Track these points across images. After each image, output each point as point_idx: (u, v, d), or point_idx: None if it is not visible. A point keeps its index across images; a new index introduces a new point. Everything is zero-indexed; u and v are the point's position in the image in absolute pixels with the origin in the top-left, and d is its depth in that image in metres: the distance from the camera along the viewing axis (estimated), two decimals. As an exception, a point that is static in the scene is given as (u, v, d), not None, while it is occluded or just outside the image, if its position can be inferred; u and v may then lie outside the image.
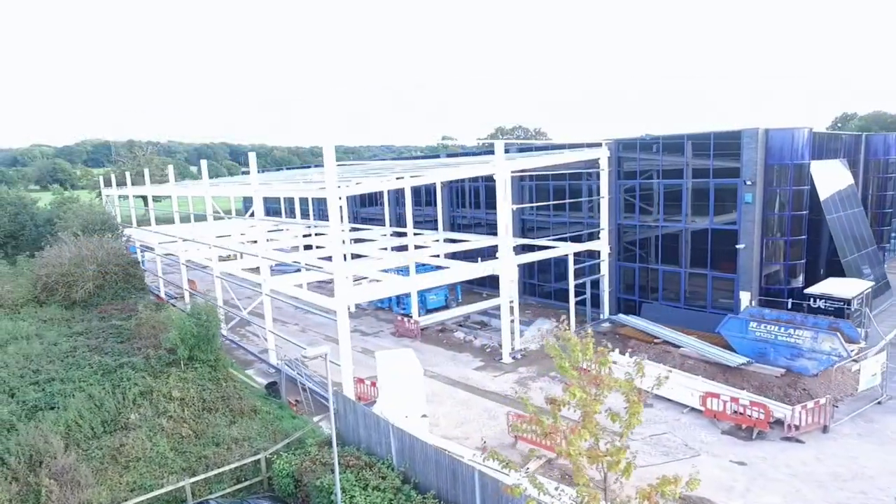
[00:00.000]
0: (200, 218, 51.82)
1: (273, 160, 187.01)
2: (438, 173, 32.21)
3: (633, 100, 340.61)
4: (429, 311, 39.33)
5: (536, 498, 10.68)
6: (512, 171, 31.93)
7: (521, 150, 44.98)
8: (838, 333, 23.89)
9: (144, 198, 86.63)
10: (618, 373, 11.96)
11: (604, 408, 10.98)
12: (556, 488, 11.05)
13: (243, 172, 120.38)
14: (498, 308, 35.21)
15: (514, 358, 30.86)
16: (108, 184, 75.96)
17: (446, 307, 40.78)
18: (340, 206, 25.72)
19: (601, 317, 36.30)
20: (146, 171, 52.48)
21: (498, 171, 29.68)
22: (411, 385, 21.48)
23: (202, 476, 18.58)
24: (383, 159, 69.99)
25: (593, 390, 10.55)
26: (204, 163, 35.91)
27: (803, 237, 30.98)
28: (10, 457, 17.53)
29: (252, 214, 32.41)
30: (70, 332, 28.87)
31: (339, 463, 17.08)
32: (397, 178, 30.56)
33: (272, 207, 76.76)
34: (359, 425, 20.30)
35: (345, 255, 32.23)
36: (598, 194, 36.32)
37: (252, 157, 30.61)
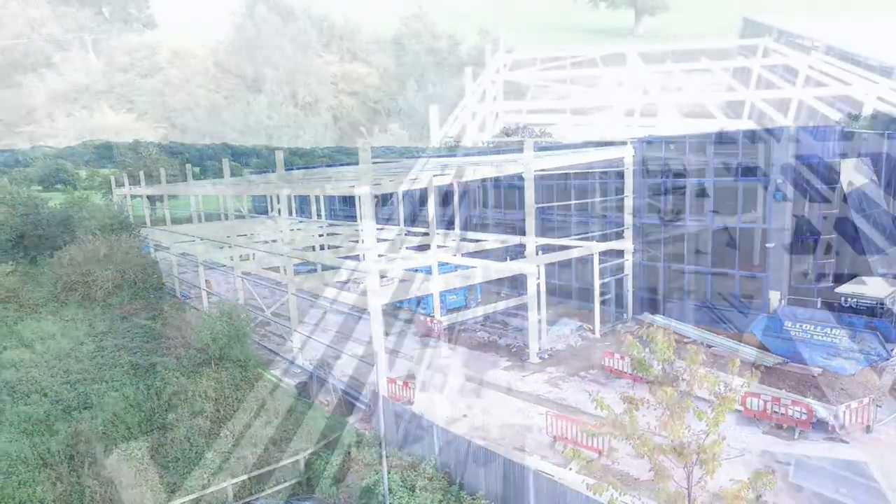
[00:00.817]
0: (214, 217, 51.48)
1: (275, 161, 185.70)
2: (465, 172, 31.99)
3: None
4: (449, 311, 38.96)
5: (619, 498, 10.47)
6: (540, 170, 31.73)
7: (541, 149, 44.74)
8: (878, 333, 23.67)
9: (150, 198, 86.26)
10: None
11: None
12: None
13: (250, 173, 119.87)
14: (518, 307, 34.99)
15: (541, 358, 30.58)
16: (119, 184, 75.55)
17: (466, 307, 40.42)
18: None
19: (625, 316, 36.07)
20: (162, 172, 52.25)
21: (527, 169, 29.47)
22: (451, 385, 21.27)
23: (243, 477, 18.38)
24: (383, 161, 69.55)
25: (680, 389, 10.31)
26: (226, 162, 35.81)
27: (833, 236, 30.76)
28: (52, 457, 17.28)
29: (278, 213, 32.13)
30: (95, 332, 28.62)
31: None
32: (435, 176, 30.38)
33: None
34: (398, 425, 20.09)
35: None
36: (622, 193, 36.09)
37: (279, 155, 30.43)
